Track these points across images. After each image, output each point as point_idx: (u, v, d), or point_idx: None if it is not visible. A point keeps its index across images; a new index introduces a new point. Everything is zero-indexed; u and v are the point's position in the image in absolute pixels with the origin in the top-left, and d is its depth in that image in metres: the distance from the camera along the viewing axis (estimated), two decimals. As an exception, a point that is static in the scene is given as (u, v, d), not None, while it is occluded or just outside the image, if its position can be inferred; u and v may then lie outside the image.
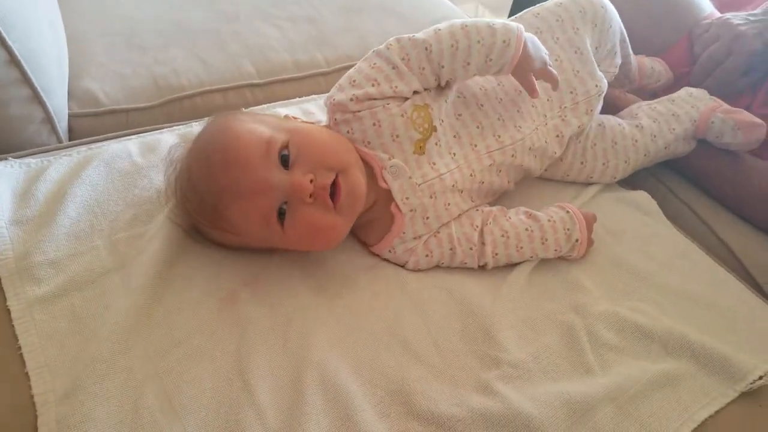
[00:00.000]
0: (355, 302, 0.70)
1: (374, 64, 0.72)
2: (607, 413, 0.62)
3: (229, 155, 0.64)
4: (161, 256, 0.69)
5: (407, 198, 0.72)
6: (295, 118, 0.78)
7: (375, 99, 0.71)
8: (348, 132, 0.72)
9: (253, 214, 0.65)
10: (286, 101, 1.00)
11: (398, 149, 0.72)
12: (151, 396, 0.58)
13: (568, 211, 0.78)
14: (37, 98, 0.88)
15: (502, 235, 0.75)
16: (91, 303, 0.65)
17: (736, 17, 0.99)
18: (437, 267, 0.76)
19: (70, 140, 0.96)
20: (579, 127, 0.86)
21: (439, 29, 0.73)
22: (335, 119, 0.73)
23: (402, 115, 0.72)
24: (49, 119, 0.91)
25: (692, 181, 0.97)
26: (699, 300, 0.75)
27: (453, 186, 0.75)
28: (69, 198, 0.75)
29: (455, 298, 0.72)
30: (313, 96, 1.02)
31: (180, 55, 1.09)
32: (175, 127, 0.91)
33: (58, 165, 0.79)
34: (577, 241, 0.77)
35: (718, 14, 1.06)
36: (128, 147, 0.84)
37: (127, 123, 1.00)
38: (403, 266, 0.75)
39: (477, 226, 0.76)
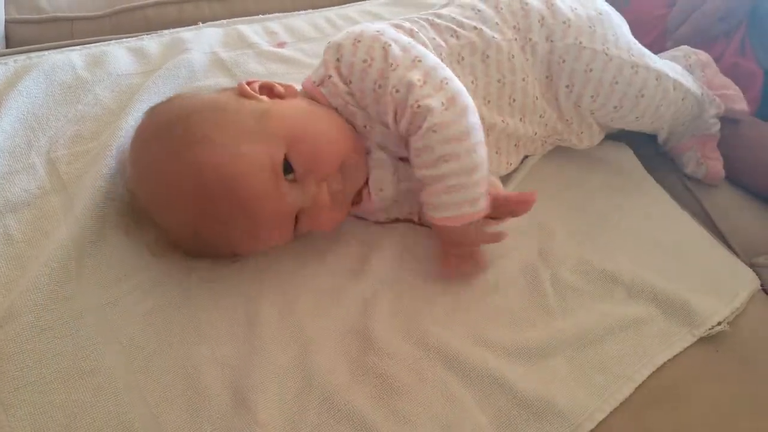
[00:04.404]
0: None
1: None
2: (566, 356, 0.61)
3: (234, 206, 0.54)
4: (107, 178, 0.64)
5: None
6: (251, 82, 0.63)
7: None
8: None
9: (268, 242, 0.60)
10: (248, 17, 0.93)
11: None
12: (93, 328, 0.55)
13: None
14: (-33, -2, 0.80)
15: None
16: (27, 227, 0.60)
17: None
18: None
19: (7, 48, 0.88)
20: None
21: None
22: None
23: None
24: (-19, 23, 0.83)
25: None
26: (664, 246, 0.74)
27: None
28: (3, 110, 0.69)
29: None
30: (277, 14, 0.95)
31: (132, -40, 1.00)
32: (124, 40, 0.84)
33: (-9, 74, 0.73)
34: None
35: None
36: (71, 58, 0.78)
37: (71, 33, 0.93)
38: None
39: None
